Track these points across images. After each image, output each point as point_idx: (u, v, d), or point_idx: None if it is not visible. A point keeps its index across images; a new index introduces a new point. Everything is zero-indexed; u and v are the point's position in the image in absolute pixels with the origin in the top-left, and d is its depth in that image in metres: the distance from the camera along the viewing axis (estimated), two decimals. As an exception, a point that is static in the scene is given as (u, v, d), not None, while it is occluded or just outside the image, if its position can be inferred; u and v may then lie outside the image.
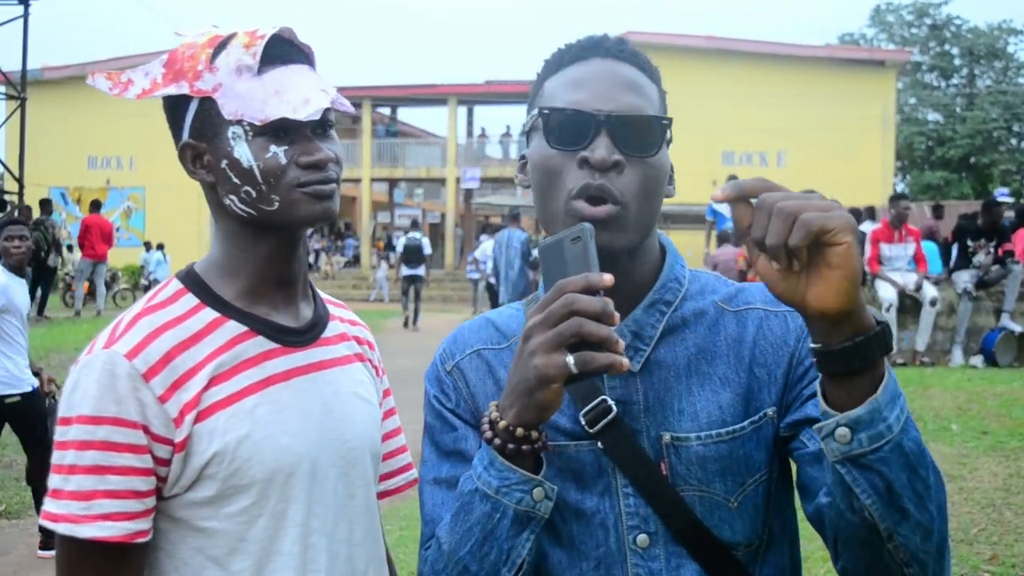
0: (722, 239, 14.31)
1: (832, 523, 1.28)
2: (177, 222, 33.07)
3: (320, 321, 1.68)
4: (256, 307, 1.59)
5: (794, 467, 1.46)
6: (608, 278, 1.23)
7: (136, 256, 30.45)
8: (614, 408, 1.42)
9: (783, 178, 1.60)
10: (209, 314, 1.55)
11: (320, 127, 1.55)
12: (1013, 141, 46.77)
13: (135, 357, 1.45)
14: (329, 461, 1.59)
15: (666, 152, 1.45)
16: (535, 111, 1.47)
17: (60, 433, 1.45)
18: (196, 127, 1.54)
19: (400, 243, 22.04)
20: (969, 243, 12.56)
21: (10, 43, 19.50)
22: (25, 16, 18.53)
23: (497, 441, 1.32)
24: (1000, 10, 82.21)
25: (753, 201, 1.17)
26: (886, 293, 11.99)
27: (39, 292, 18.06)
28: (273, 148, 1.50)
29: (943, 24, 48.82)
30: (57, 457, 1.44)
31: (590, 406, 1.42)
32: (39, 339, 13.35)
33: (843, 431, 1.17)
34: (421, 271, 20.82)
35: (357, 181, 39.57)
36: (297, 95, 1.50)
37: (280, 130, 1.50)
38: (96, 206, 20.04)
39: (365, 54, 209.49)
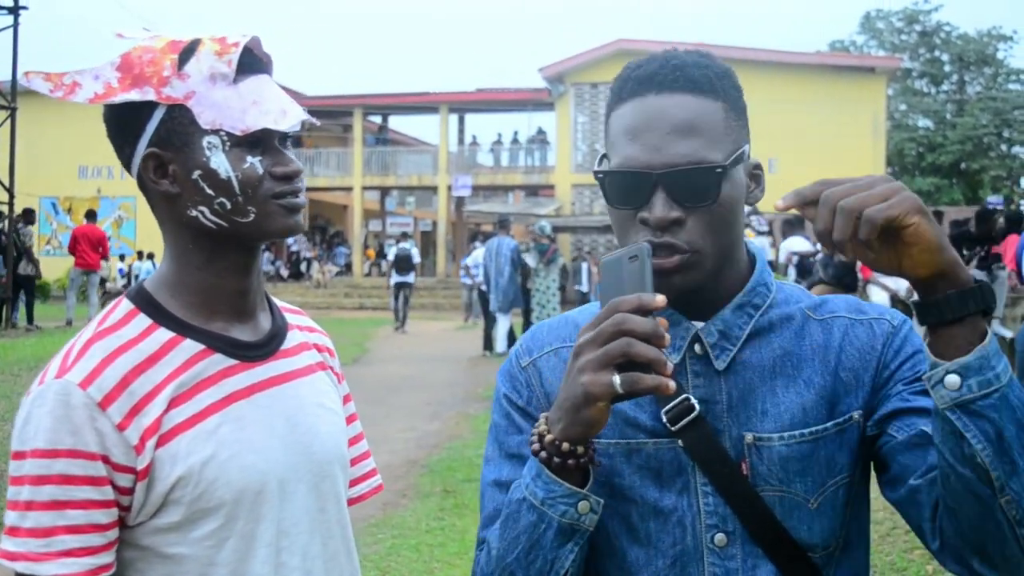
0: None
1: (941, 483, 1.28)
2: (168, 231, 33.09)
3: (279, 332, 1.64)
4: (212, 323, 1.54)
5: (878, 467, 1.47)
6: (661, 299, 1.24)
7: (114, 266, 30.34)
8: (696, 407, 1.42)
9: (773, 184, 1.59)
10: (164, 334, 1.50)
11: (284, 139, 1.53)
12: (1003, 147, 46.92)
13: (90, 385, 1.40)
14: (297, 476, 1.56)
15: (733, 181, 1.42)
16: (594, 173, 1.48)
17: (14, 468, 1.40)
18: (161, 135, 1.48)
19: (391, 252, 23.74)
20: (964, 252, 12.59)
21: (0, 53, 19.47)
22: (15, 26, 18.48)
23: (543, 454, 1.33)
24: (990, 17, 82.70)
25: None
26: (878, 298, 12.01)
27: (23, 301, 18.07)
28: (249, 159, 1.48)
29: (933, 31, 48.99)
30: (12, 493, 1.39)
31: (672, 404, 1.43)
32: (30, 349, 13.31)
33: (953, 378, 1.20)
34: (411, 278, 22.37)
35: (348, 189, 39.56)
36: (275, 106, 1.48)
37: (256, 141, 1.48)
38: (91, 215, 20.04)
39: (355, 62, 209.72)
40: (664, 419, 1.43)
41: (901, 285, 12.13)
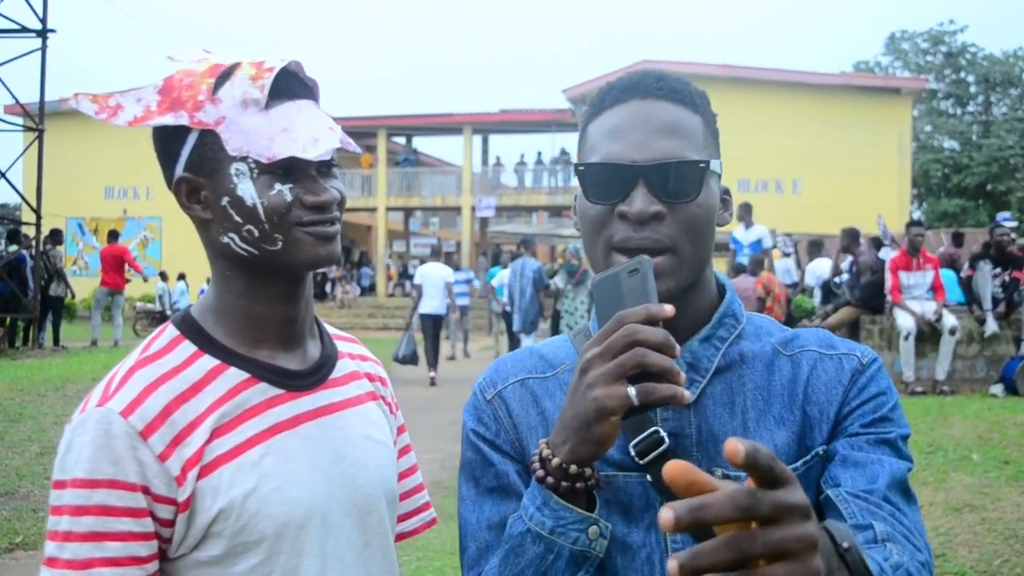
0: (738, 270, 14.32)
1: None
2: (193, 252, 33.00)
3: (328, 361, 1.61)
4: (257, 351, 1.51)
5: None
6: (669, 309, 1.21)
7: (152, 285, 30.49)
8: (666, 440, 1.38)
9: (798, 205, 1.58)
10: (208, 362, 1.47)
11: (325, 165, 1.49)
12: (1030, 168, 46.61)
13: (131, 414, 1.37)
14: (342, 510, 1.52)
15: (711, 189, 1.42)
16: (575, 165, 1.46)
17: (54, 498, 1.37)
18: (194, 161, 1.46)
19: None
20: (972, 264, 12.58)
21: (28, 75, 19.67)
22: (43, 48, 18.63)
23: (550, 480, 1.28)
24: (1016, 37, 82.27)
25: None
26: (904, 322, 11.93)
27: (49, 321, 18.22)
28: (278, 186, 1.44)
29: (958, 51, 48.81)
30: (52, 523, 1.36)
31: (641, 437, 1.38)
32: (56, 369, 13.38)
33: None
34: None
35: (373, 210, 39.70)
36: (306, 133, 1.43)
37: (287, 168, 1.44)
38: (113, 236, 20.19)
39: (380, 83, 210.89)
40: (632, 452, 1.39)
41: (928, 308, 12.05)
